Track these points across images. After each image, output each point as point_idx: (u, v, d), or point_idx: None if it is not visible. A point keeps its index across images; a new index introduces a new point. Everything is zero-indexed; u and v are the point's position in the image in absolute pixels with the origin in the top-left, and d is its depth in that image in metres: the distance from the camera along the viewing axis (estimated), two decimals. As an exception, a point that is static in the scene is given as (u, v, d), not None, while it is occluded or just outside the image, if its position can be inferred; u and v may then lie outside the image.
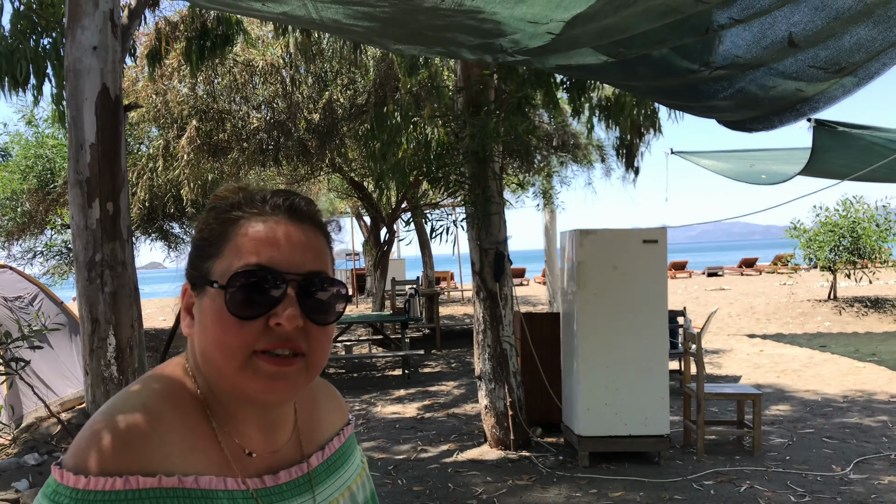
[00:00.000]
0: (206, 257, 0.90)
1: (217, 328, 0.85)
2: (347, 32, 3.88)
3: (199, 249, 0.91)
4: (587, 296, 5.99)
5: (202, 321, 0.87)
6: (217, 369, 0.86)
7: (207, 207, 0.95)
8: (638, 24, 3.30)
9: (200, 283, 0.89)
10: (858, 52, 3.38)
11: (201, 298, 0.88)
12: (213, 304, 0.86)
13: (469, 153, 5.96)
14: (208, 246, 0.90)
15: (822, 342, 12.47)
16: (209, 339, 0.86)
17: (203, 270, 0.89)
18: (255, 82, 11.04)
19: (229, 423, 0.89)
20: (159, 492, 0.79)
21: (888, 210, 15.76)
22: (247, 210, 0.90)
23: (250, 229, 0.88)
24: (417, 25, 3.65)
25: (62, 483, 0.78)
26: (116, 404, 0.84)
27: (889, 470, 5.55)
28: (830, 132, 8.07)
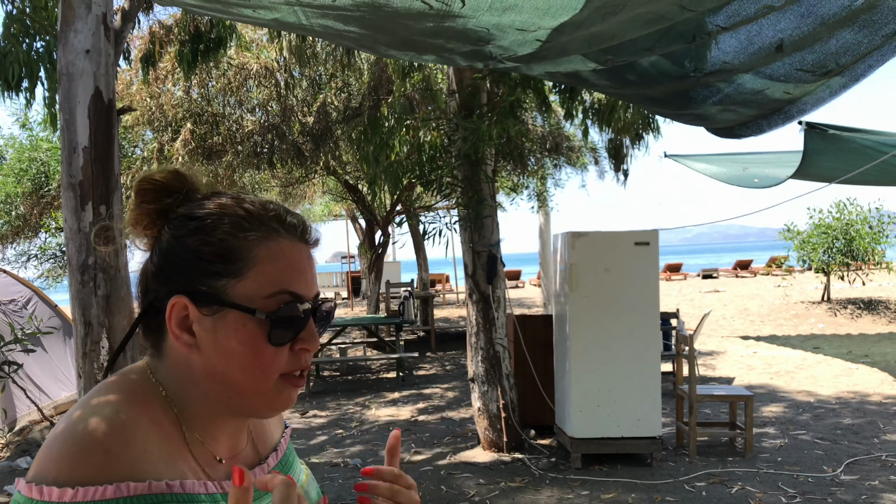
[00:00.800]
0: (218, 275, 0.86)
1: (250, 354, 0.85)
2: (339, 38, 3.90)
3: (205, 263, 0.86)
4: (579, 298, 6.01)
5: (221, 343, 0.85)
6: (238, 390, 0.86)
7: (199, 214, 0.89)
8: (625, 32, 3.33)
9: (211, 301, 0.85)
10: (845, 54, 3.41)
11: (217, 318, 0.85)
12: (242, 329, 0.85)
13: (461, 156, 5.98)
14: (221, 262, 0.86)
15: (816, 344, 12.52)
16: (236, 363, 0.85)
17: (216, 289, 0.86)
18: (250, 85, 11.06)
19: (201, 432, 0.89)
20: (151, 497, 0.78)
21: (881, 212, 15.83)
22: (265, 230, 0.88)
23: (278, 253, 0.87)
24: (407, 32, 3.67)
25: (42, 499, 0.75)
26: (87, 414, 0.81)
27: (880, 471, 5.58)
28: (821, 135, 8.12)
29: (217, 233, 0.87)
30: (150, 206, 0.90)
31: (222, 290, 0.85)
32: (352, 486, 5.67)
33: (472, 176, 6.26)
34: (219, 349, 0.85)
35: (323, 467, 6.25)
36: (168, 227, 0.90)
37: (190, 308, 0.86)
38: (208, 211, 0.89)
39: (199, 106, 11.06)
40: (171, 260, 0.88)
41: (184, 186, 0.92)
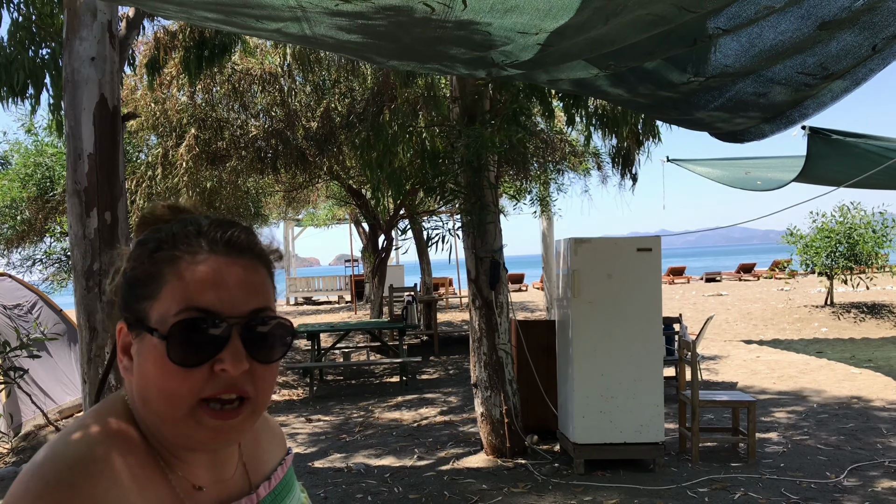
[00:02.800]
0: (140, 298, 0.85)
1: (159, 376, 0.81)
2: (341, 49, 3.93)
3: (131, 288, 0.86)
4: (582, 304, 6.03)
5: (142, 366, 0.83)
6: (159, 416, 0.83)
7: (138, 240, 0.89)
8: (626, 36, 3.35)
9: (136, 325, 0.85)
10: (846, 57, 3.43)
11: (139, 341, 0.84)
12: (153, 351, 0.82)
13: (464, 162, 6.01)
14: (141, 286, 0.85)
15: (819, 348, 12.51)
16: (151, 386, 0.82)
17: (138, 312, 0.85)
18: (254, 91, 11.11)
19: (175, 462, 0.87)
20: None
21: (885, 216, 15.82)
22: (182, 248, 0.85)
23: (187, 271, 0.84)
24: (410, 39, 3.70)
25: None
26: (58, 452, 0.79)
27: (883, 477, 5.58)
28: (825, 140, 8.14)
29: (142, 257, 0.86)
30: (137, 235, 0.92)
31: (144, 313, 0.84)
32: (356, 492, 5.69)
33: (475, 182, 6.29)
34: (140, 372, 0.84)
35: (327, 472, 6.27)
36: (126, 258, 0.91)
37: (125, 332, 0.87)
38: (142, 237, 0.89)
39: (204, 111, 11.12)
40: (118, 288, 0.90)
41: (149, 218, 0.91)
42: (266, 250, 0.91)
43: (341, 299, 24.86)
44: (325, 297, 25.33)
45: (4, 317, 8.61)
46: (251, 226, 0.94)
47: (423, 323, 13.81)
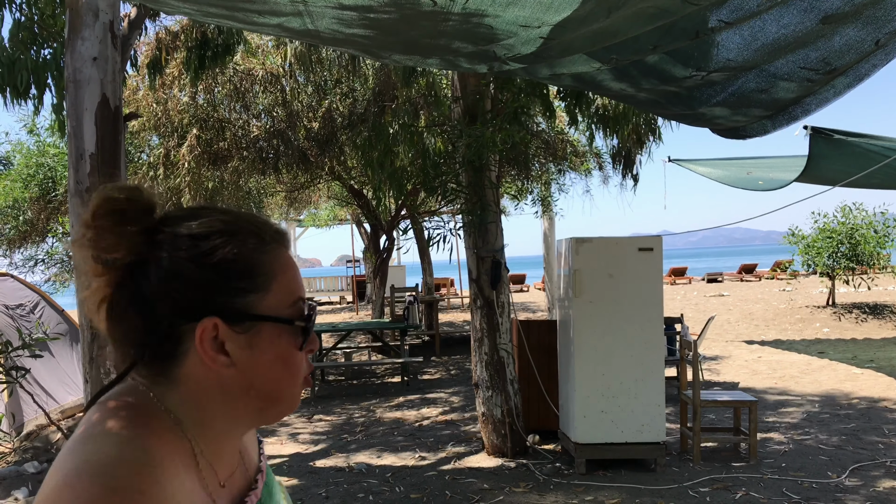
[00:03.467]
0: (243, 291, 0.84)
1: (286, 362, 0.86)
2: (343, 44, 3.93)
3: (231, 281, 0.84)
4: (583, 303, 6.02)
5: (259, 359, 0.85)
6: (272, 399, 0.87)
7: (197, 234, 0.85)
8: (628, 29, 3.35)
9: (241, 317, 0.84)
10: (848, 52, 3.42)
11: (252, 334, 0.84)
12: (278, 341, 0.86)
13: (465, 162, 6.01)
14: (248, 278, 0.85)
15: (821, 348, 12.49)
16: (273, 373, 0.86)
17: (246, 306, 0.84)
18: (256, 91, 11.11)
19: (209, 456, 0.87)
20: None
21: (886, 216, 15.80)
22: (273, 242, 0.89)
23: (286, 263, 0.89)
24: (415, 33, 3.70)
25: None
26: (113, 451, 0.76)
27: (884, 477, 5.57)
28: (827, 140, 8.13)
29: (236, 251, 0.85)
30: (132, 227, 0.82)
31: (252, 306, 0.85)
32: (357, 491, 5.69)
33: (476, 182, 6.29)
34: (256, 363, 0.85)
35: (328, 472, 6.27)
36: (165, 250, 0.83)
37: (221, 328, 0.83)
38: (217, 229, 0.85)
39: (206, 111, 11.12)
40: (187, 283, 0.83)
41: (153, 203, 0.85)
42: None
43: (343, 300, 24.86)
44: (326, 298, 25.34)
45: (7, 317, 8.62)
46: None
47: (424, 323, 13.81)
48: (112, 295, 0.83)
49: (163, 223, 0.85)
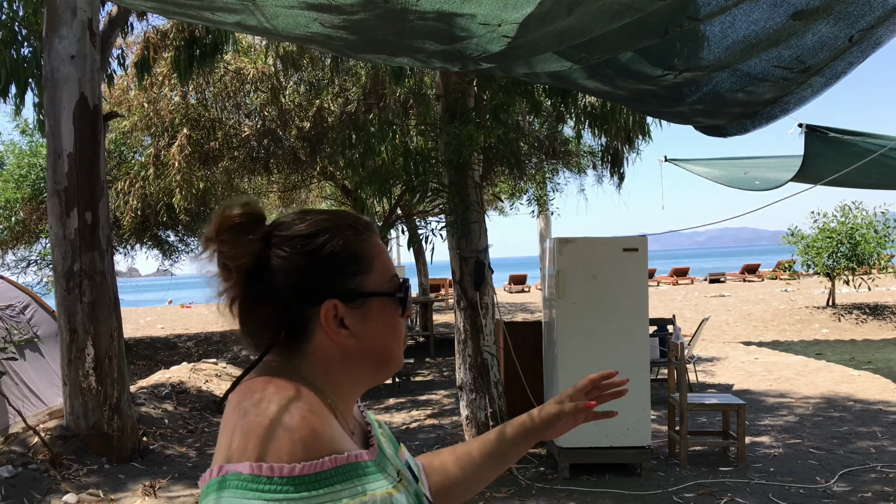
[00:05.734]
0: (351, 274, 1.02)
1: (394, 328, 1.05)
2: (307, 42, 3.83)
3: (343, 268, 1.02)
4: (567, 305, 5.91)
5: (371, 327, 1.03)
6: (386, 360, 1.06)
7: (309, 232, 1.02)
8: (595, 26, 3.24)
9: (355, 296, 1.01)
10: (822, 50, 3.31)
11: (364, 309, 1.02)
12: (385, 311, 1.04)
13: (447, 161, 5.91)
14: (352, 264, 1.02)
15: (819, 350, 12.35)
16: (384, 338, 1.05)
17: (355, 286, 1.02)
18: (246, 90, 11.03)
19: (340, 411, 1.02)
20: (350, 465, 0.92)
21: (887, 216, 15.63)
22: (368, 231, 1.07)
23: (379, 247, 1.07)
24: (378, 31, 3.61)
25: (273, 475, 0.86)
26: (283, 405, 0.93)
27: (874, 483, 5.45)
28: (822, 138, 8.00)
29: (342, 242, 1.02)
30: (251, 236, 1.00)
31: (361, 286, 1.02)
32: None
33: (459, 181, 6.19)
34: (371, 332, 1.03)
35: (308, 476, 6.18)
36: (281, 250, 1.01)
37: (340, 307, 1.01)
38: (322, 227, 1.04)
39: (196, 111, 11.04)
40: (308, 275, 1.00)
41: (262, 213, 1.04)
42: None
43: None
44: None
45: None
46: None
47: (419, 324, 13.71)
48: (242, 294, 1.02)
49: (275, 228, 1.03)
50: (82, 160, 6.52)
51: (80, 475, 5.88)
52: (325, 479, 0.88)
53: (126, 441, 6.43)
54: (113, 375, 6.46)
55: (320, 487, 0.88)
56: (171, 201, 11.51)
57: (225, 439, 0.93)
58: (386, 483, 0.97)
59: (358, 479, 0.93)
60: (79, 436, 6.27)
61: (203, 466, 6.50)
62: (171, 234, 14.50)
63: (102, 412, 6.32)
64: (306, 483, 0.87)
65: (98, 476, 5.93)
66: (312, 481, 0.87)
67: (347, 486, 0.90)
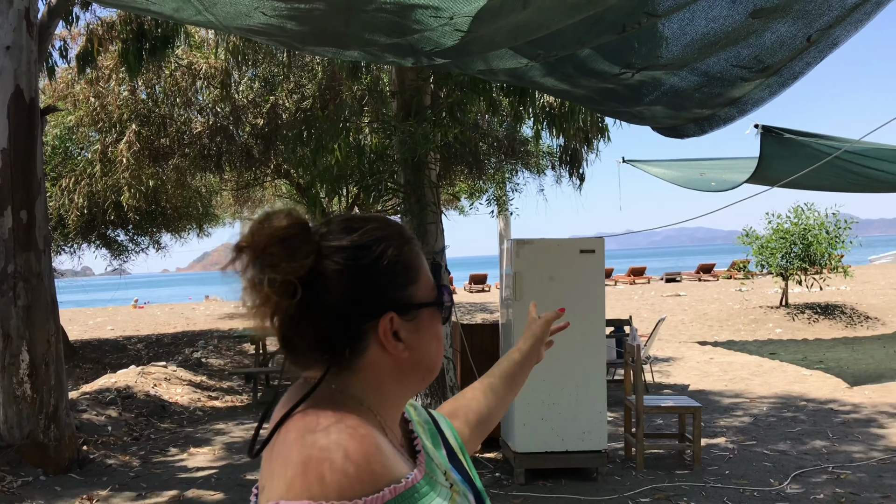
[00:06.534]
0: (403, 286, 0.99)
1: (440, 336, 1.03)
2: (252, 33, 3.66)
3: (397, 279, 0.99)
4: (524, 307, 5.81)
5: (424, 336, 1.01)
6: (432, 369, 1.03)
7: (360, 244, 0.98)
8: (551, 21, 3.14)
9: (408, 308, 0.99)
10: (780, 49, 3.26)
11: (417, 321, 1.00)
12: (434, 321, 1.02)
13: (402, 160, 5.76)
14: (402, 275, 0.99)
15: (772, 349, 12.50)
16: (433, 348, 1.02)
17: (407, 298, 0.99)
18: (199, 86, 10.72)
19: (389, 426, 1.00)
20: (407, 493, 0.90)
21: (838, 217, 15.92)
22: (409, 239, 1.03)
23: (420, 255, 1.04)
24: (324, 24, 3.45)
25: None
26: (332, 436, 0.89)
27: (826, 484, 5.46)
28: (777, 139, 8.04)
29: (396, 253, 0.99)
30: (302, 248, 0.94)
31: (413, 297, 0.99)
32: None
33: (415, 181, 6.05)
34: (423, 343, 1.01)
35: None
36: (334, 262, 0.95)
37: (395, 320, 0.98)
38: (375, 236, 0.99)
39: (146, 106, 10.70)
40: (365, 287, 0.96)
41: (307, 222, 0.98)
42: None
43: (299, 300, 24.43)
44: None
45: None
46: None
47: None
48: (287, 309, 0.94)
49: (323, 238, 0.98)
50: (17, 156, 6.21)
51: (14, 488, 5.59)
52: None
53: (64, 451, 6.13)
54: (50, 382, 6.16)
55: None
56: (119, 199, 11.15)
57: (279, 472, 0.88)
58: (441, 500, 0.96)
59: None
60: (13, 446, 5.96)
61: (147, 476, 6.25)
62: (120, 233, 14.07)
63: (38, 421, 6.02)
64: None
65: (33, 489, 5.65)
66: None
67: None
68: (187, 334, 15.70)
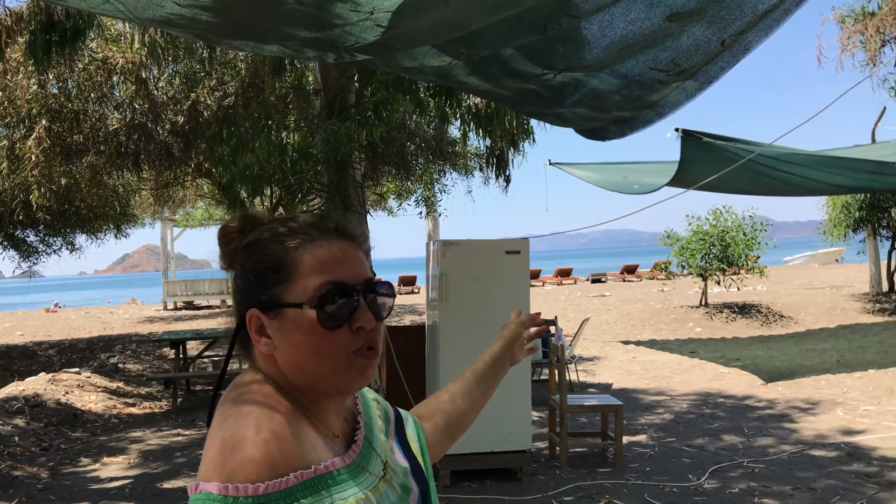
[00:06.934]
0: (273, 283, 1.01)
1: (312, 341, 0.99)
2: (161, 23, 3.50)
3: (262, 279, 1.03)
4: (450, 308, 5.79)
5: (290, 338, 1.00)
6: (317, 373, 1.01)
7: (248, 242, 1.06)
8: (472, 19, 3.12)
9: (274, 306, 1.00)
10: (696, 53, 3.32)
11: (281, 320, 1.00)
12: (301, 322, 0.99)
13: (326, 159, 5.66)
14: (273, 273, 1.02)
15: (692, 348, 12.87)
16: (304, 352, 1.00)
17: (274, 296, 1.01)
18: (115, 81, 10.30)
19: (318, 416, 1.03)
20: (316, 479, 0.93)
21: (754, 220, 16.53)
22: (303, 237, 1.03)
23: (314, 254, 1.02)
24: (241, 16, 3.33)
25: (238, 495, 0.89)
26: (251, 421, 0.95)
27: (741, 478, 5.62)
28: (697, 143, 8.27)
29: (265, 250, 1.03)
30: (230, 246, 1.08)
31: (279, 296, 1.01)
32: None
33: (339, 180, 5.95)
34: (289, 344, 1.00)
35: (175, 494, 5.76)
36: (237, 259, 1.07)
37: (262, 317, 1.02)
38: (256, 237, 1.05)
39: (58, 101, 10.21)
40: (243, 283, 1.05)
41: (248, 225, 1.08)
42: (360, 232, 1.10)
43: (224, 303, 23.86)
44: (206, 302, 24.23)
45: None
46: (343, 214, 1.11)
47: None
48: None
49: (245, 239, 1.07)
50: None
51: None
52: (289, 495, 0.90)
53: (-36, 464, 5.78)
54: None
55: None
56: (28, 198, 10.61)
57: (205, 453, 0.96)
58: (358, 489, 0.98)
59: (326, 491, 0.94)
60: None
61: (56, 488, 5.95)
62: (30, 233, 13.42)
63: (-66, 433, 5.66)
64: (270, 501, 0.89)
65: (-72, 505, 5.30)
66: (276, 499, 0.90)
67: (314, 499, 0.92)
68: (104, 339, 15.10)
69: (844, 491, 5.23)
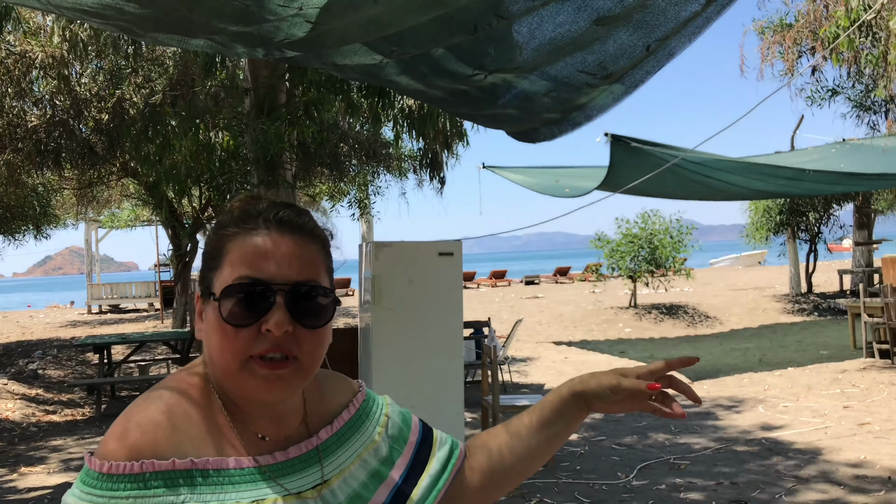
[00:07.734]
0: (208, 269, 1.00)
1: (217, 335, 0.95)
2: (81, 14, 3.37)
3: (204, 262, 1.02)
4: (383, 310, 5.76)
5: (207, 328, 0.97)
6: (220, 370, 0.96)
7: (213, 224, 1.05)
8: (403, 18, 3.11)
9: (205, 293, 0.99)
10: (622, 57, 3.39)
11: (207, 307, 0.98)
12: (213, 313, 0.96)
13: (255, 159, 5.55)
14: (210, 259, 1.00)
15: (622, 348, 13.15)
16: (212, 345, 0.96)
17: (207, 282, 0.99)
18: (34, 76, 9.89)
19: (241, 414, 0.98)
20: (172, 473, 0.90)
21: (681, 223, 17.02)
22: (241, 226, 0.98)
23: (244, 244, 0.97)
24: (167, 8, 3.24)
25: (91, 468, 0.90)
26: (139, 402, 0.96)
27: (668, 475, 5.76)
28: (625, 147, 8.44)
29: (210, 234, 1.02)
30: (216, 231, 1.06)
31: (210, 282, 0.98)
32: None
33: (269, 181, 5.84)
34: (206, 333, 0.98)
35: None
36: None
37: (198, 302, 1.00)
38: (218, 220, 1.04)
39: (-29, 96, 9.74)
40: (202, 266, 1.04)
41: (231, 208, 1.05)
42: (317, 229, 1.03)
43: (151, 307, 23.19)
44: (132, 305, 23.50)
45: None
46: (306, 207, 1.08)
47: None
48: None
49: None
50: None
51: None
52: (139, 480, 0.88)
53: None
54: None
55: (132, 489, 0.88)
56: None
57: None
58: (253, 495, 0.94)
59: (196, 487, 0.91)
60: None
61: (-34, 501, 5.66)
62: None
63: None
64: (118, 482, 0.88)
65: None
66: (124, 481, 0.88)
67: (170, 491, 0.89)
68: (22, 344, 14.46)
69: (764, 485, 5.41)
